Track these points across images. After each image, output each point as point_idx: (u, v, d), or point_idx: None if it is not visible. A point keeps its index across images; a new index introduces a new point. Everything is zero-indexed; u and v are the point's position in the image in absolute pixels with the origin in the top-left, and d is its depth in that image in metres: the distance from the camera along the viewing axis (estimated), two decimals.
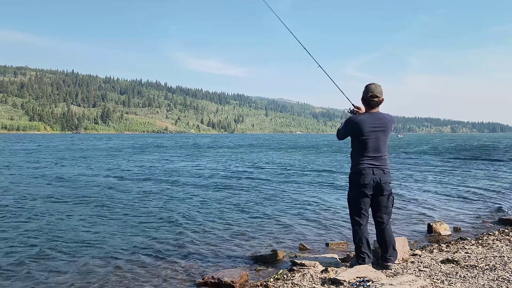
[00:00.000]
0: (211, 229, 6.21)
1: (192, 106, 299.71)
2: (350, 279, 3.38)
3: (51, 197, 9.05)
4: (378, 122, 3.71)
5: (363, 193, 3.70)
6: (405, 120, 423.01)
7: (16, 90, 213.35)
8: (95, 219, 6.86)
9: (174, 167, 17.60)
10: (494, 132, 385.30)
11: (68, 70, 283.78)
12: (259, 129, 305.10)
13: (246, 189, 10.72)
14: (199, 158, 23.75)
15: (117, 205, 8.16)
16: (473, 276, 3.52)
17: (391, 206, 3.82)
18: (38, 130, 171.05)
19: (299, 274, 3.75)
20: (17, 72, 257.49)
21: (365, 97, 3.75)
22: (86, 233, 5.97)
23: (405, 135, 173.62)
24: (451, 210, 7.77)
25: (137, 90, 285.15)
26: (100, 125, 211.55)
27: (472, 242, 5.05)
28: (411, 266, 3.93)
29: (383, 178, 3.68)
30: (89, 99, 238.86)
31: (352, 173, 3.78)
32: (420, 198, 9.11)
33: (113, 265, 4.55)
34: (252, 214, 7.35)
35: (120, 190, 10.29)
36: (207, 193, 9.89)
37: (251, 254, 4.88)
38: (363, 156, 3.70)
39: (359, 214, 3.78)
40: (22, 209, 7.64)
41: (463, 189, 10.54)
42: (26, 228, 6.20)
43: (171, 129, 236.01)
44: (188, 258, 4.77)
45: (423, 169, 16.35)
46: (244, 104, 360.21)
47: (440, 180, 12.63)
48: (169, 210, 7.75)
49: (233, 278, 3.75)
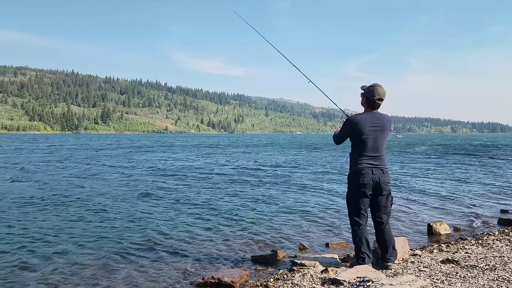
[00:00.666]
0: (211, 229, 6.21)
1: (192, 106, 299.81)
2: (350, 279, 3.38)
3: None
4: (377, 121, 3.71)
5: (363, 193, 3.70)
6: (405, 120, 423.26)
7: (16, 90, 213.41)
8: (93, 218, 6.87)
9: (179, 165, 17.61)
10: (494, 132, 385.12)
11: (68, 70, 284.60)
12: (259, 129, 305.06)
13: (246, 189, 10.72)
14: (204, 157, 23.77)
15: (115, 206, 8.17)
16: (473, 276, 3.52)
17: (390, 206, 3.83)
18: (38, 130, 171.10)
19: (299, 274, 3.75)
20: (17, 72, 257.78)
21: (370, 99, 3.71)
22: (85, 232, 5.99)
23: (404, 135, 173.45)
24: (451, 210, 7.76)
25: (137, 90, 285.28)
26: (100, 125, 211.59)
27: (472, 242, 5.05)
28: (411, 266, 3.92)
29: (382, 178, 3.69)
30: (89, 99, 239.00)
31: (351, 173, 3.78)
32: (420, 198, 9.11)
33: (112, 265, 4.55)
34: (252, 214, 7.34)
35: (117, 190, 10.30)
36: (207, 193, 9.89)
37: (251, 254, 4.88)
38: (362, 156, 3.71)
39: (358, 214, 3.78)
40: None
41: (463, 189, 10.54)
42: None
43: (171, 129, 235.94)
44: (188, 258, 4.77)
45: (422, 169, 16.34)
46: (244, 104, 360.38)
47: (440, 180, 12.63)
48: (169, 210, 7.76)
49: (233, 278, 3.75)
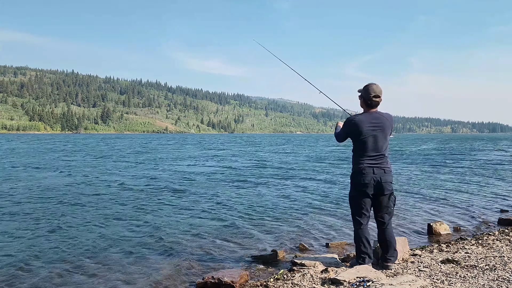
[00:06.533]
0: (211, 229, 6.21)
1: (192, 106, 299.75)
2: (350, 279, 3.38)
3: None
4: (376, 121, 3.71)
5: (364, 192, 3.70)
6: (405, 120, 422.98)
7: (16, 90, 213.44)
8: (92, 218, 6.87)
9: (173, 170, 17.61)
10: (494, 132, 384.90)
11: (68, 70, 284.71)
12: (259, 129, 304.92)
13: (246, 189, 10.72)
14: (206, 158, 23.77)
15: (114, 206, 8.16)
16: (473, 276, 3.52)
17: (392, 206, 3.81)
18: (38, 130, 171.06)
19: (299, 274, 3.75)
20: (17, 72, 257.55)
21: (366, 97, 3.73)
22: (84, 232, 5.98)
23: (394, 135, 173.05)
24: (451, 210, 7.76)
25: (137, 90, 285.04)
26: (100, 125, 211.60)
27: (472, 242, 5.04)
28: (411, 266, 3.92)
29: (383, 177, 3.67)
30: (89, 99, 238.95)
31: (353, 173, 3.79)
32: (420, 198, 9.11)
33: (112, 265, 4.55)
34: (252, 214, 7.34)
35: (113, 194, 10.29)
36: (207, 193, 9.89)
37: (251, 254, 4.88)
38: (363, 156, 3.70)
39: (360, 213, 3.78)
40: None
41: (463, 189, 10.54)
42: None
43: (171, 129, 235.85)
44: (188, 258, 4.76)
45: (422, 169, 16.34)
46: (244, 104, 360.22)
47: (440, 180, 12.62)
48: (169, 210, 7.76)
49: (233, 278, 3.74)
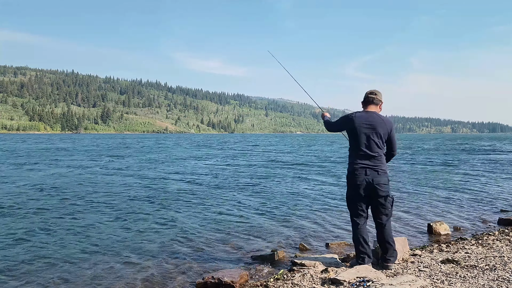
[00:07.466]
0: (211, 229, 6.21)
1: (192, 106, 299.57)
2: (350, 279, 3.38)
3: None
4: (369, 119, 3.75)
5: (357, 193, 3.73)
6: (405, 120, 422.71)
7: (16, 90, 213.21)
8: (92, 218, 6.87)
9: (171, 170, 17.61)
10: (494, 132, 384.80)
11: (68, 70, 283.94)
12: (259, 129, 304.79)
13: (246, 189, 10.72)
14: (206, 158, 23.76)
15: (114, 206, 8.17)
16: (473, 276, 3.52)
17: (390, 207, 3.80)
18: (38, 130, 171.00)
19: (299, 274, 3.75)
20: (17, 72, 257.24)
21: (364, 97, 3.93)
22: (83, 232, 5.98)
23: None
24: (451, 210, 7.76)
25: (137, 90, 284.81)
26: (100, 125, 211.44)
27: (472, 242, 5.05)
28: (411, 266, 3.92)
29: (376, 179, 3.67)
30: (89, 99, 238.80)
31: (348, 173, 3.84)
32: (420, 198, 9.11)
33: (112, 265, 4.55)
34: (252, 214, 7.34)
35: (114, 191, 10.30)
36: (207, 193, 9.89)
37: (251, 254, 4.88)
38: (357, 156, 3.74)
39: (356, 213, 3.81)
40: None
41: (463, 189, 10.54)
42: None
43: (171, 129, 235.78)
44: (188, 258, 4.77)
45: (422, 169, 16.35)
46: (244, 104, 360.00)
47: (440, 180, 12.62)
48: (168, 211, 7.75)
49: (233, 278, 3.74)
